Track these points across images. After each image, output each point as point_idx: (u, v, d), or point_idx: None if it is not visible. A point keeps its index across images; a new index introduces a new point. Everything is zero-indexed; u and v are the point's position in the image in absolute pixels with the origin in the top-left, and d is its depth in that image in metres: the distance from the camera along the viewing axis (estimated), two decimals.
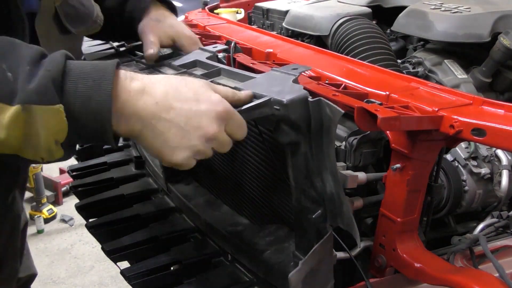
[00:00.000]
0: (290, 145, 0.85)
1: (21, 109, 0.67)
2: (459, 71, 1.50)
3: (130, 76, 0.76)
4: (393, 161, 0.99)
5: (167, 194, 1.46)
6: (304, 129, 0.81)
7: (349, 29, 1.58)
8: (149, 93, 0.75)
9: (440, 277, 0.93)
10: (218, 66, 1.03)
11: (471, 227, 1.28)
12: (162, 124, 0.75)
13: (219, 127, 0.77)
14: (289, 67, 0.95)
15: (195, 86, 0.79)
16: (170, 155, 0.77)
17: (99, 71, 0.72)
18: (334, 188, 0.83)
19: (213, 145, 0.79)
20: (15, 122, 0.68)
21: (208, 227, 1.23)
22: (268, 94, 0.81)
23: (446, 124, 0.90)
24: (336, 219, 0.86)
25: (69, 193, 3.85)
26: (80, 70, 0.72)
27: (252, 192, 1.15)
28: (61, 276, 3.07)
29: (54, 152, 0.72)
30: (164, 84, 0.77)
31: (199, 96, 0.77)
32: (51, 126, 0.70)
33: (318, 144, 0.81)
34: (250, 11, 2.50)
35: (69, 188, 3.61)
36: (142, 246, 1.27)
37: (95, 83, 0.71)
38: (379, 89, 1.06)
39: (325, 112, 0.77)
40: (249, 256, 1.09)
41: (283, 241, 1.05)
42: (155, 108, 0.74)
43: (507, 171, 1.19)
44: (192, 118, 0.76)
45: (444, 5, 1.58)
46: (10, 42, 0.72)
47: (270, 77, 0.92)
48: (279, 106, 0.80)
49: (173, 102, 0.76)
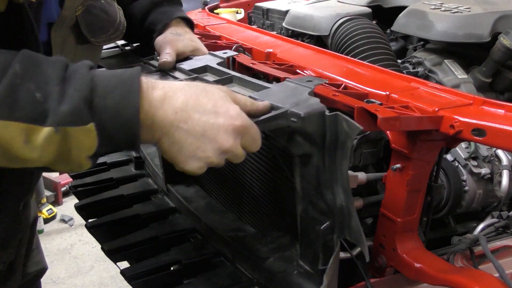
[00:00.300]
0: (302, 157, 0.85)
1: (55, 131, 0.68)
2: (459, 71, 1.50)
3: (151, 85, 0.76)
4: (393, 161, 0.98)
5: (167, 195, 1.45)
6: (318, 142, 0.81)
7: (349, 29, 1.58)
8: (169, 102, 0.76)
9: (440, 277, 0.93)
10: (230, 73, 1.02)
11: (471, 227, 1.28)
12: (180, 133, 0.76)
13: (234, 141, 0.78)
14: (304, 79, 0.95)
15: (215, 98, 0.79)
16: (183, 162, 0.78)
17: (125, 84, 0.73)
18: (344, 201, 0.83)
19: (227, 157, 0.80)
20: (49, 143, 0.69)
21: (209, 231, 1.22)
22: (284, 106, 0.82)
23: (446, 124, 0.90)
24: (343, 231, 0.86)
25: (69, 193, 3.85)
26: (107, 83, 0.72)
27: (255, 198, 1.14)
28: (61, 276, 3.07)
29: (84, 165, 0.74)
30: (185, 93, 0.78)
31: (218, 109, 0.78)
32: (83, 145, 0.71)
33: (332, 158, 0.81)
34: (250, 11, 2.50)
35: (68, 188, 3.61)
36: (142, 246, 1.26)
37: (123, 97, 0.72)
38: (379, 89, 1.06)
39: (342, 127, 0.77)
40: (250, 262, 1.08)
41: (285, 249, 1.04)
42: (174, 117, 0.75)
43: (507, 171, 1.19)
44: (209, 130, 0.77)
45: (444, 5, 1.58)
46: (32, 59, 0.72)
47: (284, 88, 0.92)
48: (296, 118, 0.80)
49: (192, 112, 0.76)
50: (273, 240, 1.08)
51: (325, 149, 0.81)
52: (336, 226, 0.86)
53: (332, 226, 0.87)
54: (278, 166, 1.02)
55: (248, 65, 1.20)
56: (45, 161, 0.71)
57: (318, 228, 0.88)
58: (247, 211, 1.19)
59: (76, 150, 0.71)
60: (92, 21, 1.00)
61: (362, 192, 1.07)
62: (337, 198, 0.84)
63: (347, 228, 0.84)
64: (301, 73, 1.20)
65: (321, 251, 0.89)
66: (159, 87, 0.77)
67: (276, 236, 1.09)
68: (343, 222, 0.85)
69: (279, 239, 1.08)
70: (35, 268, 1.46)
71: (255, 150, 0.82)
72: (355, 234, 0.83)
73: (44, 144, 0.68)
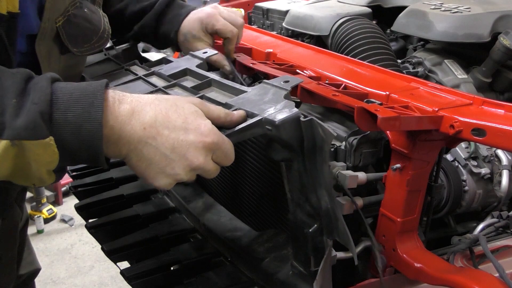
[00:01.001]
0: (284, 161, 0.85)
1: (10, 144, 0.67)
2: (459, 71, 1.50)
3: (118, 99, 0.74)
4: (393, 161, 0.98)
5: (167, 194, 1.46)
6: (296, 147, 0.80)
7: (349, 29, 1.58)
8: (137, 117, 0.74)
9: (440, 277, 0.93)
10: (209, 77, 1.01)
11: (471, 227, 1.28)
12: (148, 149, 0.74)
13: (205, 158, 0.77)
14: (281, 80, 0.93)
15: (186, 113, 0.77)
16: (152, 179, 0.77)
17: (88, 97, 0.71)
18: (329, 204, 0.83)
19: (198, 173, 0.79)
20: (4, 155, 0.67)
21: (207, 231, 1.23)
22: (259, 112, 0.80)
23: (446, 124, 0.90)
24: (332, 233, 0.86)
25: (69, 193, 3.85)
26: (69, 97, 0.70)
27: (251, 197, 1.14)
28: (61, 276, 3.07)
29: (46, 180, 0.73)
30: (154, 108, 0.76)
31: (188, 125, 0.76)
32: (42, 159, 0.69)
33: (312, 162, 0.80)
34: (250, 11, 2.49)
35: (69, 188, 3.61)
36: (142, 246, 1.26)
37: (84, 111, 0.70)
38: (379, 89, 1.06)
39: (318, 132, 0.76)
40: (248, 263, 1.09)
41: (281, 248, 1.05)
42: (142, 134, 0.74)
43: (507, 171, 1.19)
44: (178, 147, 0.75)
45: (444, 5, 1.57)
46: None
47: (261, 91, 0.90)
48: (270, 126, 0.78)
49: (161, 129, 0.75)
50: (269, 239, 1.08)
51: (304, 154, 0.81)
52: (324, 228, 0.86)
53: (320, 228, 0.87)
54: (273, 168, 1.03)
55: (248, 65, 1.20)
56: (4, 173, 0.69)
57: (306, 230, 0.88)
58: (246, 211, 1.19)
59: (36, 164, 0.70)
60: (74, 32, 0.97)
61: (362, 192, 1.07)
62: (321, 201, 0.83)
63: (335, 230, 0.84)
64: (301, 73, 1.20)
65: (312, 253, 0.89)
66: (126, 101, 0.75)
67: (273, 234, 1.09)
68: (330, 224, 0.85)
69: (275, 237, 1.08)
70: (28, 269, 1.45)
71: (228, 164, 0.81)
72: (343, 236, 0.83)
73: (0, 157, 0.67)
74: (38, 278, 1.58)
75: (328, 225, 0.85)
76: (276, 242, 1.06)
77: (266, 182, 1.07)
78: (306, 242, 0.89)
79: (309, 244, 0.89)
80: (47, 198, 3.73)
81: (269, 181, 1.06)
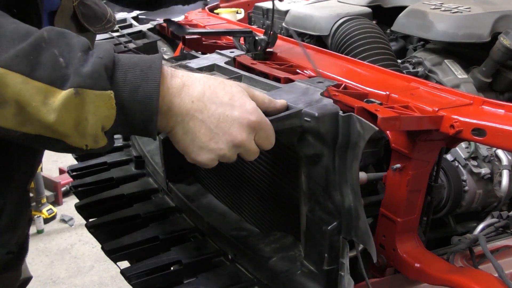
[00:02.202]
0: (312, 157, 0.85)
1: (73, 93, 0.68)
2: (459, 71, 1.50)
3: (171, 73, 0.77)
4: (393, 161, 0.99)
5: (167, 194, 1.45)
6: (330, 142, 0.81)
7: (349, 29, 1.58)
8: (187, 91, 0.76)
9: (440, 277, 0.93)
10: (239, 73, 1.02)
11: (471, 227, 1.28)
12: (194, 122, 0.76)
13: (248, 136, 0.78)
14: (314, 80, 0.96)
15: (233, 91, 0.79)
16: (195, 153, 0.78)
17: (146, 62, 0.74)
18: (353, 202, 0.83)
19: (240, 152, 0.80)
20: (66, 106, 0.68)
21: (211, 230, 1.22)
22: (298, 106, 0.82)
23: (446, 124, 0.90)
24: (350, 232, 0.86)
25: (69, 193, 3.85)
26: (129, 60, 0.74)
27: (257, 197, 1.14)
28: (61, 276, 3.07)
29: (100, 139, 0.73)
30: (203, 84, 0.78)
31: (235, 102, 0.78)
32: (101, 112, 0.71)
33: (342, 158, 0.81)
34: (250, 11, 2.50)
35: (69, 188, 3.61)
36: (142, 246, 1.26)
37: (143, 73, 0.73)
38: (379, 89, 1.06)
39: (355, 127, 0.77)
40: (253, 262, 1.08)
41: (289, 250, 1.04)
42: (190, 106, 0.76)
43: (507, 171, 1.19)
44: (223, 122, 0.77)
45: (444, 5, 1.57)
46: (59, 31, 0.73)
47: (295, 88, 0.92)
48: (309, 118, 0.80)
49: (208, 103, 0.77)
50: (276, 240, 1.08)
51: (336, 149, 0.81)
52: (343, 226, 0.86)
53: (339, 226, 0.87)
54: (281, 166, 1.02)
55: (248, 65, 1.20)
56: (61, 128, 0.70)
57: (325, 228, 0.87)
58: (250, 211, 1.19)
59: (93, 118, 0.70)
60: (87, 12, 1.06)
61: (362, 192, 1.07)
62: (345, 198, 0.84)
63: (354, 229, 0.84)
64: (301, 73, 1.20)
65: (327, 251, 0.89)
66: (178, 76, 0.77)
67: (279, 236, 1.09)
68: (350, 223, 0.85)
69: (282, 239, 1.08)
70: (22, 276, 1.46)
71: (268, 147, 0.82)
72: (363, 235, 0.83)
73: (61, 108, 0.68)
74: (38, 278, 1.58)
75: (348, 224, 0.85)
76: (283, 244, 1.06)
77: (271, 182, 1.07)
78: (323, 239, 0.89)
79: (325, 242, 0.88)
80: (47, 198, 3.73)
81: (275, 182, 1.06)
